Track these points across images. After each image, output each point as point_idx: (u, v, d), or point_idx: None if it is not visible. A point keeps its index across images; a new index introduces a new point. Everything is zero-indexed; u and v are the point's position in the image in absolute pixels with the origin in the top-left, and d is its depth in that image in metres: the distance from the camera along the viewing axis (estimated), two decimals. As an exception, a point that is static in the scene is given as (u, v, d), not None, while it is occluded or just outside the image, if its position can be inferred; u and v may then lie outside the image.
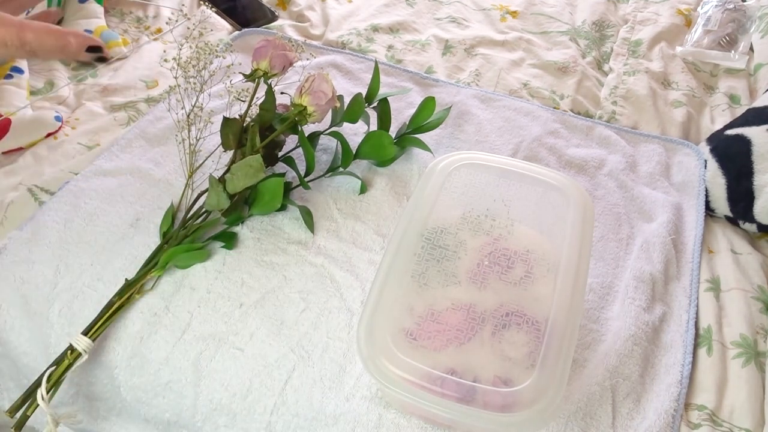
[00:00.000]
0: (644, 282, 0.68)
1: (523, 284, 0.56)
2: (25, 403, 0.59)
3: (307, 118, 0.72)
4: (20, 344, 0.66)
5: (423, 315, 0.53)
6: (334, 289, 0.67)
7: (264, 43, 0.71)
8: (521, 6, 1.12)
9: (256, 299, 0.66)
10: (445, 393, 0.49)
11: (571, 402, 0.58)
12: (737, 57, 1.00)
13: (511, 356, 0.51)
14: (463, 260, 0.57)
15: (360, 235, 0.72)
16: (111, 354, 0.64)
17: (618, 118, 0.92)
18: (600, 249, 0.73)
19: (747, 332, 0.65)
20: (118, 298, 0.64)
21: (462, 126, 0.87)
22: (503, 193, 0.63)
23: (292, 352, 0.62)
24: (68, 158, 0.81)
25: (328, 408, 0.59)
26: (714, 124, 0.91)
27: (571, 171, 0.82)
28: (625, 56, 1.02)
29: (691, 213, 0.78)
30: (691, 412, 0.60)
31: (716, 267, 0.72)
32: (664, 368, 0.63)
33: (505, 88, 0.96)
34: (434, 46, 1.03)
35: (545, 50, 1.03)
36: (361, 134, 0.79)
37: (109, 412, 0.67)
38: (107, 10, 1.04)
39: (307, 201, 0.75)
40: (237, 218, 0.71)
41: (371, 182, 0.78)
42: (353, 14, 1.10)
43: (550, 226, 0.60)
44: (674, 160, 0.85)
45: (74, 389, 0.66)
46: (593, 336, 0.64)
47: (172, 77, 0.90)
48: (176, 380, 0.62)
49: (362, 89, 0.79)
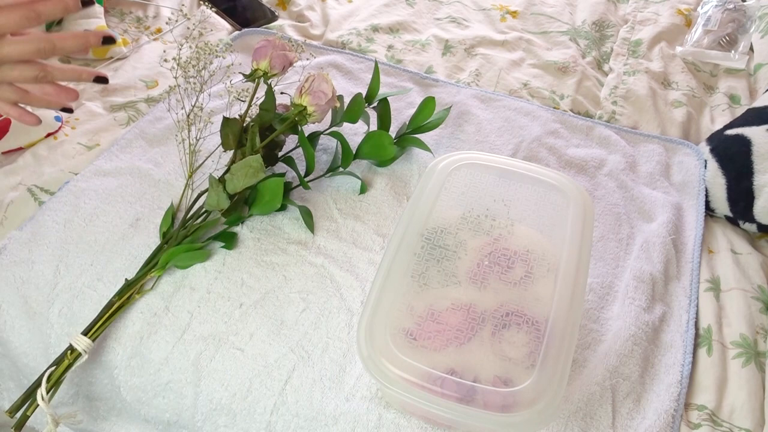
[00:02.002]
0: (644, 282, 0.68)
1: (523, 284, 0.56)
2: (25, 403, 0.59)
3: (307, 118, 0.72)
4: (20, 344, 0.66)
5: (423, 315, 0.53)
6: (334, 289, 0.67)
7: (264, 43, 0.71)
8: (521, 6, 1.12)
9: (256, 299, 0.66)
10: (445, 393, 0.49)
11: (571, 402, 0.58)
12: (737, 57, 1.00)
13: (511, 356, 0.51)
14: (463, 260, 0.57)
15: (360, 235, 0.72)
16: (111, 354, 0.64)
17: (618, 118, 0.92)
18: (600, 249, 0.73)
19: (747, 332, 0.65)
20: (118, 298, 0.64)
21: (462, 126, 0.87)
22: (503, 193, 0.63)
23: (292, 352, 0.62)
24: (68, 158, 0.81)
25: (328, 408, 0.59)
26: (714, 124, 0.91)
27: (571, 171, 0.82)
28: (625, 56, 1.02)
29: (691, 213, 0.78)
30: (691, 412, 0.60)
31: (716, 267, 0.72)
32: (664, 368, 0.63)
33: (505, 88, 0.96)
34: (434, 46, 1.03)
35: (545, 50, 1.03)
36: (361, 134, 0.79)
37: (109, 412, 0.67)
38: (107, 10, 1.04)
39: (307, 201, 0.75)
40: (237, 218, 0.71)
41: (371, 182, 0.78)
42: (353, 14, 1.10)
43: (550, 226, 0.60)
44: (674, 160, 0.85)
45: (74, 389, 0.66)
46: (593, 336, 0.64)
47: (172, 77, 0.90)
48: (176, 380, 0.62)
49: (362, 89, 0.79)
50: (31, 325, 0.66)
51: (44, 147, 0.82)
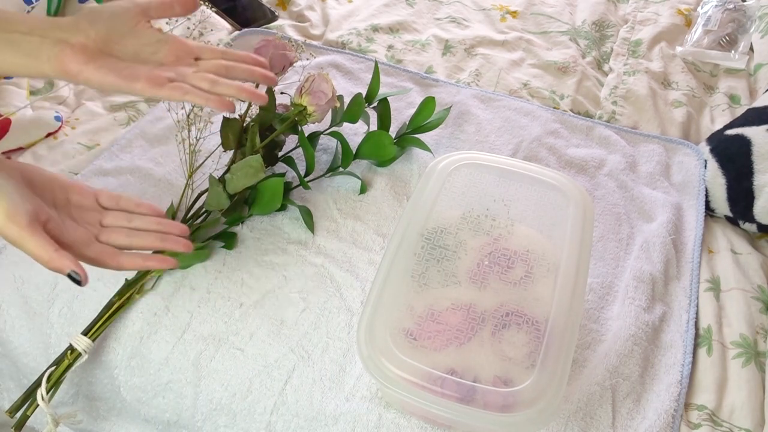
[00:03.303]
0: (644, 282, 0.68)
1: (523, 284, 0.56)
2: (25, 403, 0.59)
3: (307, 118, 0.72)
4: (20, 344, 0.66)
5: (423, 315, 0.53)
6: (334, 289, 0.67)
7: (264, 43, 0.71)
8: (521, 6, 1.12)
9: (256, 299, 0.66)
10: (445, 393, 0.49)
11: (571, 402, 0.58)
12: (737, 57, 1.00)
13: (511, 356, 0.51)
14: (463, 260, 0.57)
15: (360, 235, 0.72)
16: (111, 354, 0.64)
17: (618, 118, 0.92)
18: (600, 249, 0.73)
19: (747, 332, 0.65)
20: (118, 298, 0.64)
21: (462, 126, 0.87)
22: (503, 193, 0.63)
23: (292, 352, 0.62)
24: (68, 158, 0.81)
25: (328, 408, 0.59)
26: (714, 124, 0.91)
27: (571, 171, 0.82)
28: (625, 56, 1.02)
29: (691, 213, 0.78)
30: (691, 412, 0.60)
31: (716, 267, 0.72)
32: (664, 368, 0.63)
33: (505, 88, 0.96)
34: (434, 46, 1.03)
35: (545, 50, 1.03)
36: (361, 134, 0.79)
37: (109, 412, 0.67)
38: (107, 10, 1.04)
39: (307, 201, 0.75)
40: (237, 218, 0.71)
41: (371, 182, 0.78)
42: (353, 14, 1.10)
43: (550, 226, 0.60)
44: (674, 160, 0.85)
45: (74, 389, 0.66)
46: (593, 336, 0.64)
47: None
48: (176, 380, 0.62)
49: (362, 89, 0.79)
50: (31, 325, 0.66)
51: (44, 147, 0.82)
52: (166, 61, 0.53)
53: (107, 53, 0.51)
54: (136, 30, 0.52)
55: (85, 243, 0.51)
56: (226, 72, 0.55)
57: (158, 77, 0.50)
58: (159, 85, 0.50)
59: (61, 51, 0.50)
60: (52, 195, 0.53)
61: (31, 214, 0.47)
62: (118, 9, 0.52)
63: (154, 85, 0.50)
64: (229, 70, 0.55)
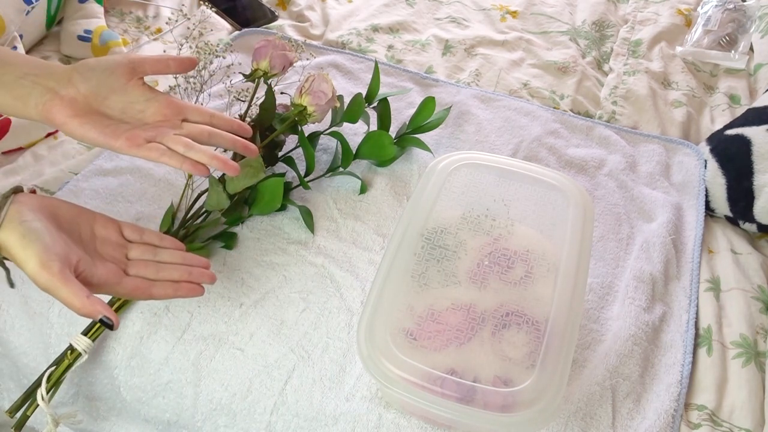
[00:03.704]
0: (644, 282, 0.68)
1: (523, 284, 0.56)
2: (25, 403, 0.59)
3: (307, 118, 0.72)
4: (20, 344, 0.66)
5: (423, 315, 0.53)
6: (334, 289, 0.67)
7: (264, 43, 0.71)
8: (521, 6, 1.12)
9: (256, 299, 0.66)
10: (445, 393, 0.49)
11: (571, 402, 0.58)
12: (737, 57, 1.00)
13: (511, 356, 0.51)
14: (463, 260, 0.57)
15: (360, 235, 0.72)
16: (111, 354, 0.64)
17: (618, 118, 0.92)
18: (600, 249, 0.73)
19: (747, 332, 0.65)
20: (119, 298, 0.64)
21: (462, 126, 0.87)
22: (503, 193, 0.63)
23: (292, 352, 0.62)
24: (68, 158, 0.81)
25: (328, 408, 0.59)
26: (714, 124, 0.91)
27: (571, 171, 0.82)
28: (625, 56, 1.02)
29: (691, 213, 0.78)
30: (691, 412, 0.60)
31: (716, 267, 0.72)
32: (664, 368, 0.63)
33: (505, 88, 0.96)
34: (434, 46, 1.03)
35: (545, 50, 1.03)
36: (361, 134, 0.79)
37: (109, 412, 0.67)
38: (107, 10, 1.04)
39: (307, 201, 0.75)
40: (237, 218, 0.71)
41: (371, 182, 0.78)
42: (353, 14, 1.10)
43: (550, 226, 0.60)
44: (674, 160, 0.86)
45: (74, 389, 0.66)
46: (593, 336, 0.64)
47: (172, 77, 0.90)
48: (176, 380, 0.62)
49: (362, 89, 0.79)
50: (31, 325, 0.66)
51: (44, 147, 0.82)
52: (152, 120, 0.54)
53: (95, 109, 0.53)
54: (126, 87, 0.53)
55: (116, 280, 0.52)
56: (209, 139, 0.56)
57: (137, 137, 0.52)
58: (137, 146, 0.52)
59: (50, 101, 0.51)
60: (78, 230, 0.53)
61: (63, 259, 0.47)
62: (113, 64, 0.53)
63: (132, 145, 0.52)
64: (212, 137, 0.56)
